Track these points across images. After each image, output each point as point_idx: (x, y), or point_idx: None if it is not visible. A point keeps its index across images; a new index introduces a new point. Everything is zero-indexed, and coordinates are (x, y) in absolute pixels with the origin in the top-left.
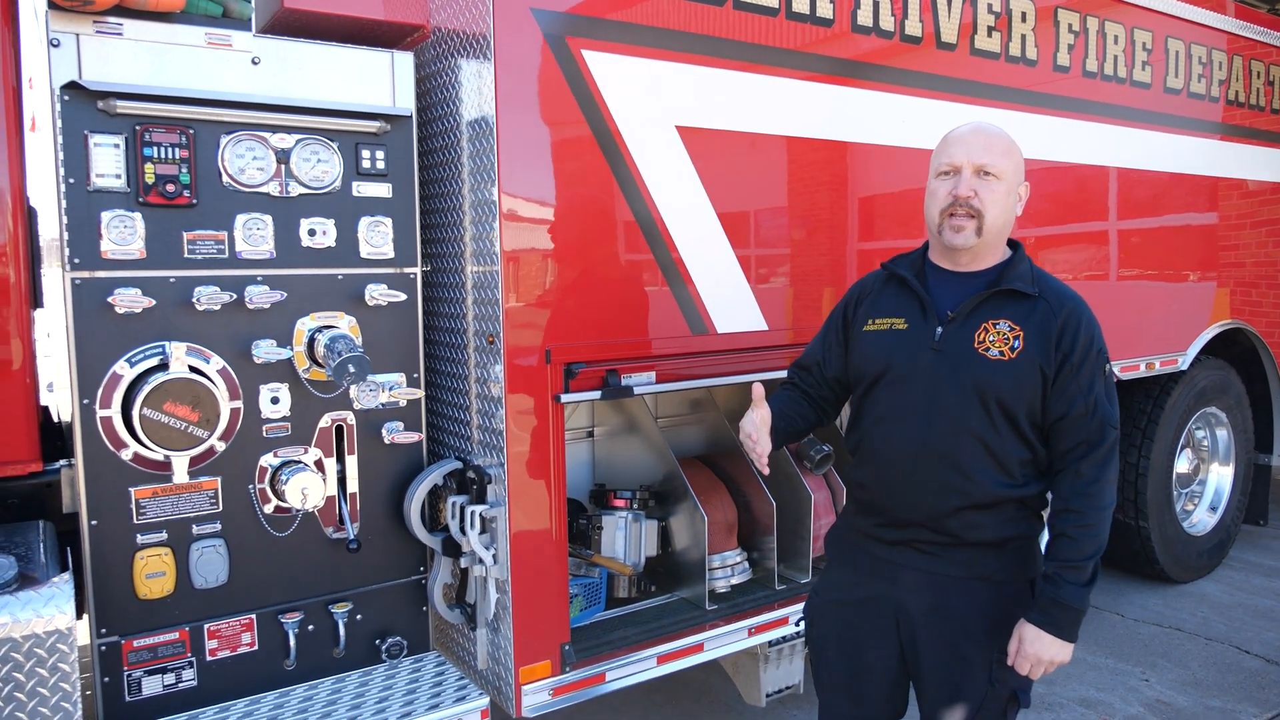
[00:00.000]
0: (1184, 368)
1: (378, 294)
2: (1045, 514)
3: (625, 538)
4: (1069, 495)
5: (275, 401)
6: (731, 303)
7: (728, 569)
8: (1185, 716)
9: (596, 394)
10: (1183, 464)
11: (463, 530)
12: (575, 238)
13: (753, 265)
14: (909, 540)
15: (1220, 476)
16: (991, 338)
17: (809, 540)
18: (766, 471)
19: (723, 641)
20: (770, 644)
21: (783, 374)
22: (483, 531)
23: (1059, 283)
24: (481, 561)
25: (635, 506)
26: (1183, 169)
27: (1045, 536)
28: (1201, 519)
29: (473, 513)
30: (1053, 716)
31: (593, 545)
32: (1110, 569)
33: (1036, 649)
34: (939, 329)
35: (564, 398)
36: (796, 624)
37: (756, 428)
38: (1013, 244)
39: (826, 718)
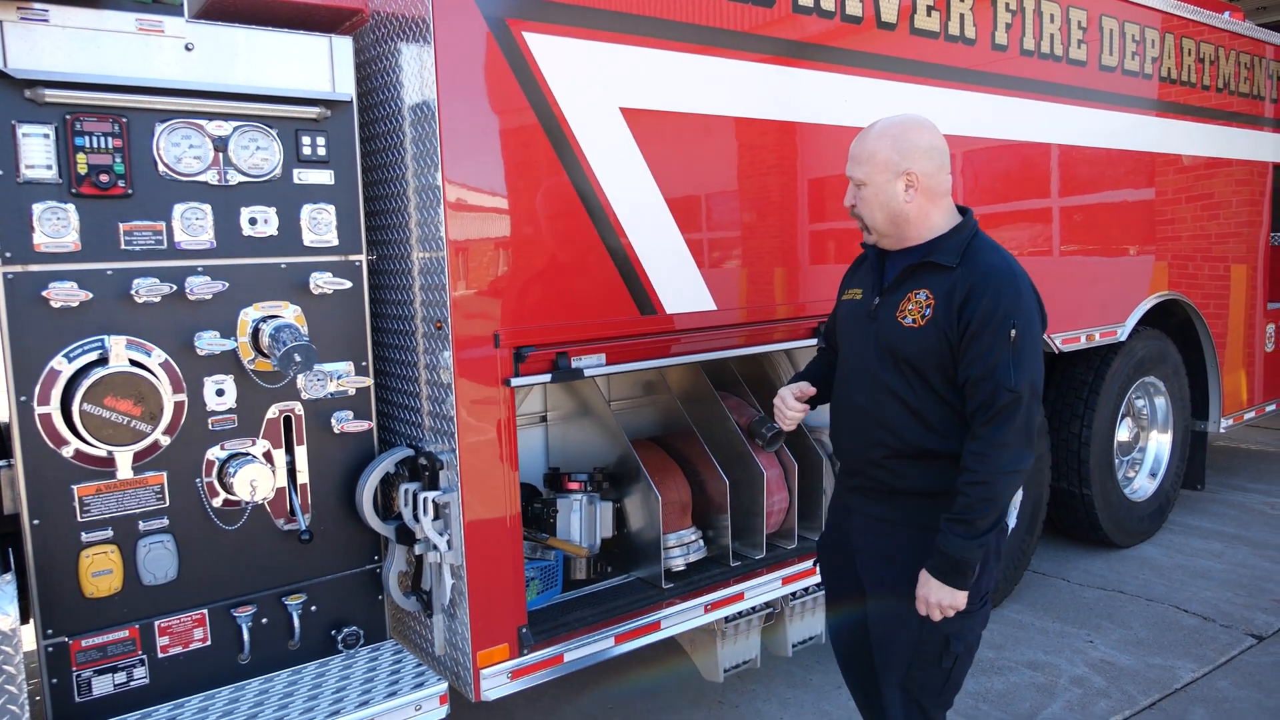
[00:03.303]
0: (1123, 339)
1: (323, 282)
2: None
3: (580, 520)
4: (966, 454)
5: (220, 394)
6: (679, 283)
7: (683, 548)
8: (1128, 675)
9: (547, 377)
10: (1123, 432)
11: (416, 517)
12: (521, 221)
13: (699, 246)
14: (859, 487)
15: (1159, 444)
16: (910, 306)
17: (762, 517)
18: (788, 428)
19: (679, 619)
20: (727, 620)
21: (731, 353)
22: (436, 518)
23: (990, 253)
24: (436, 548)
25: (590, 489)
26: (1119, 145)
27: (1018, 498)
28: (1142, 485)
29: (426, 499)
30: (1002, 680)
31: (548, 528)
32: (1055, 536)
33: (925, 592)
34: (877, 299)
35: (514, 381)
36: (814, 565)
37: (785, 395)
38: (964, 211)
39: (832, 640)
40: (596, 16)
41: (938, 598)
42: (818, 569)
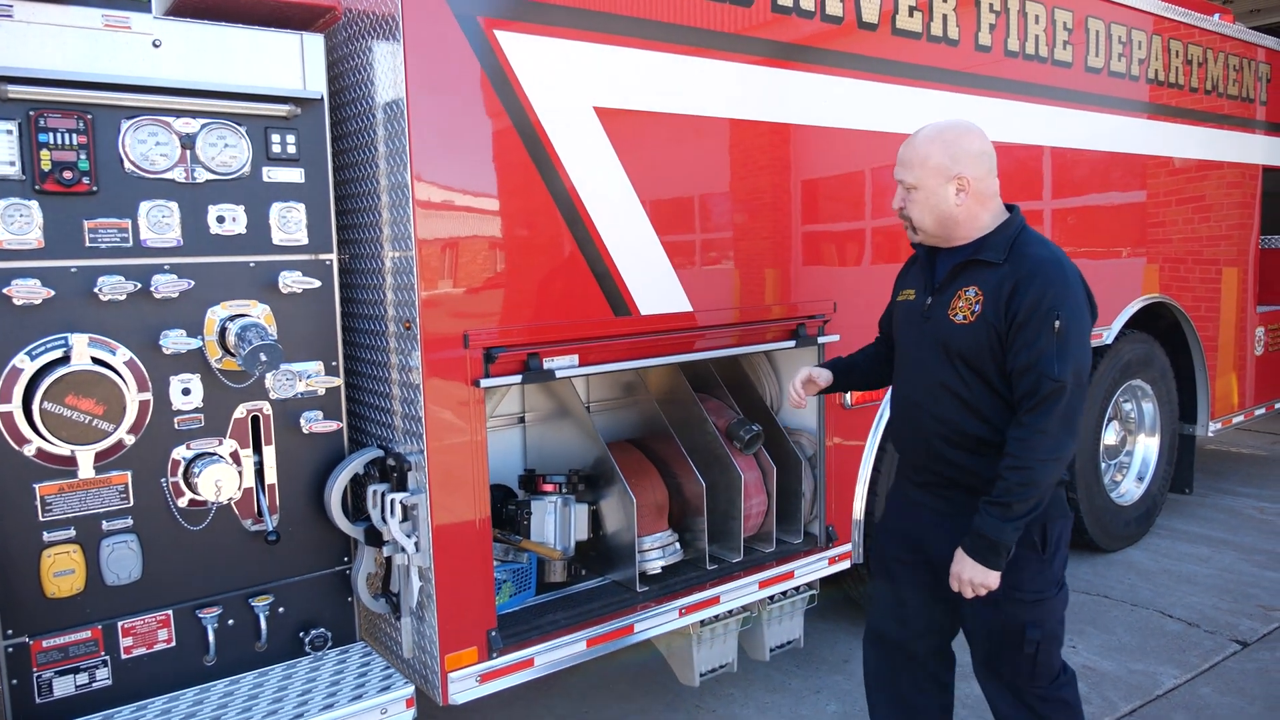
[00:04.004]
0: (1109, 342)
1: (291, 281)
2: None
3: (555, 522)
4: (1010, 440)
5: (186, 393)
6: (654, 284)
7: (659, 550)
8: (1109, 681)
9: (518, 378)
10: (1110, 436)
11: (384, 519)
12: (492, 221)
13: (675, 246)
14: (925, 483)
15: (1146, 447)
16: (961, 304)
17: (739, 520)
18: (797, 406)
19: (653, 622)
20: (702, 623)
21: (708, 355)
22: (404, 519)
23: (1037, 246)
24: (404, 550)
25: (565, 491)
26: (1105, 147)
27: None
28: (1129, 489)
29: (393, 500)
30: None
31: (522, 531)
32: None
33: (958, 569)
34: (929, 299)
35: (484, 382)
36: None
37: (796, 380)
38: (1011, 208)
39: (874, 636)
40: (570, 15)
41: (970, 575)
42: (868, 556)
